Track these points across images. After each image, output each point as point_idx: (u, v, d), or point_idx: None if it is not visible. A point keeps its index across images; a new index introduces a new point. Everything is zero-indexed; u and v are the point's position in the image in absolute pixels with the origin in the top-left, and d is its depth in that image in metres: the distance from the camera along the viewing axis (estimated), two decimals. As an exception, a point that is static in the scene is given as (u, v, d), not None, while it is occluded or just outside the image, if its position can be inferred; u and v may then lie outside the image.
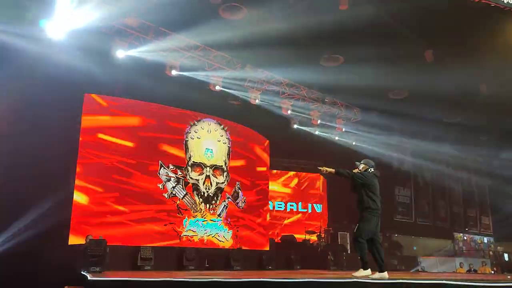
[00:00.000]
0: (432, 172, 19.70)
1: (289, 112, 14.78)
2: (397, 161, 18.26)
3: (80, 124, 10.50)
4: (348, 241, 14.47)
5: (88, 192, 10.31)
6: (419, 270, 15.83)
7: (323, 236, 14.65)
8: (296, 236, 14.98)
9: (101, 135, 10.78)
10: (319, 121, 15.54)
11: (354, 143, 16.86)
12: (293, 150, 15.73)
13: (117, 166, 10.83)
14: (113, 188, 10.67)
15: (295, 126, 15.59)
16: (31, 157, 8.97)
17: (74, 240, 9.70)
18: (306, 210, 16.90)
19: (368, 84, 12.26)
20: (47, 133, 9.35)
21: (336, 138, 16.54)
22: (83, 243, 8.83)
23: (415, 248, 18.58)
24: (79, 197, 10.14)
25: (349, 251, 14.15)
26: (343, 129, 16.18)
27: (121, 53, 10.79)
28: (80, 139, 10.44)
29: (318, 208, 17.23)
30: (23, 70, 9.26)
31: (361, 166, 6.52)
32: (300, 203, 16.95)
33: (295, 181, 17.33)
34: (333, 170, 6.37)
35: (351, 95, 14.22)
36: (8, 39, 8.90)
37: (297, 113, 15.10)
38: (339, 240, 14.57)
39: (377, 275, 5.90)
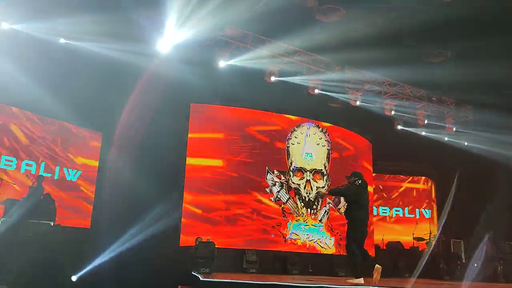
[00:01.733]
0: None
1: (392, 112, 14.11)
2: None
3: (188, 132, 11.17)
4: (463, 249, 13.39)
5: (197, 195, 10.89)
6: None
7: (433, 243, 13.72)
8: (403, 241, 14.22)
9: (207, 141, 11.34)
10: (426, 121, 14.62)
11: (466, 143, 15.58)
12: (397, 152, 14.97)
13: (223, 170, 11.31)
14: (220, 191, 11.18)
15: (399, 127, 14.81)
16: (146, 162, 9.70)
17: (184, 241, 10.27)
18: (413, 215, 15.99)
19: (480, 79, 11.26)
20: (159, 141, 10.09)
21: (446, 138, 15.42)
22: (193, 245, 9.27)
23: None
24: (189, 201, 10.74)
25: (463, 260, 13.09)
26: (454, 129, 15.01)
27: (222, 63, 11.23)
28: (188, 145, 11.12)
29: (427, 213, 16.21)
30: (136, 83, 10.09)
31: (351, 179, 7.01)
32: (406, 208, 16.10)
33: (401, 185, 16.50)
34: (326, 192, 6.71)
35: (461, 92, 13.16)
36: (122, 55, 9.74)
37: (401, 114, 14.35)
38: (452, 248, 13.54)
39: (355, 280, 6.35)
